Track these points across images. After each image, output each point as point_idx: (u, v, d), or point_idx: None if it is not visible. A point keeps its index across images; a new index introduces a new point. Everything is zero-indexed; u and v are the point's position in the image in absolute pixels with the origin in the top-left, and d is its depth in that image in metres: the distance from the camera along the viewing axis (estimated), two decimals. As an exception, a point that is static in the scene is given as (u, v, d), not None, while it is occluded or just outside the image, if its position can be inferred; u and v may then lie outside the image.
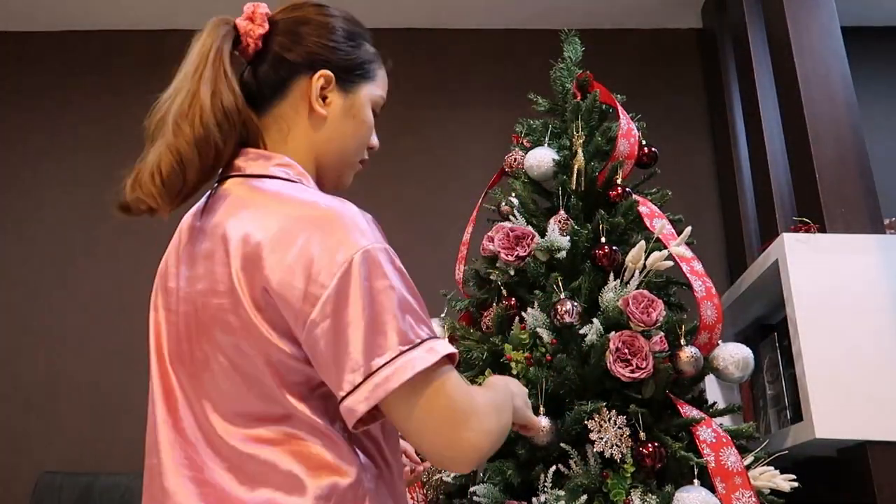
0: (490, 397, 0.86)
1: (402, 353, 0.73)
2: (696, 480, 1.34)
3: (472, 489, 1.41)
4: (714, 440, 1.37)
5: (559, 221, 1.60)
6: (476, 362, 1.55)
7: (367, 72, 0.98)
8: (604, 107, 1.79)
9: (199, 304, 0.82)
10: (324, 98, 0.93)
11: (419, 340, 0.75)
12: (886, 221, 1.86)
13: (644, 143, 1.75)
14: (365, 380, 0.72)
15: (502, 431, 0.84)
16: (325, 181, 0.96)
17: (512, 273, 1.62)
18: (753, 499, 1.30)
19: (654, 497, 1.32)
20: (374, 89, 0.99)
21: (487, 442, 0.78)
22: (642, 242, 1.46)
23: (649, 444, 1.35)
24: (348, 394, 0.73)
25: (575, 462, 1.38)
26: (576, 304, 1.46)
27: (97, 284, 2.76)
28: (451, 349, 0.77)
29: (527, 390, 1.07)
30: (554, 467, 1.38)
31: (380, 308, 0.74)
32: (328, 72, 0.93)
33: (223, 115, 0.85)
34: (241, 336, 0.78)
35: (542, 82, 1.95)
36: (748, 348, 1.51)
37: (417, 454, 1.28)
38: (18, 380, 2.64)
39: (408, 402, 0.74)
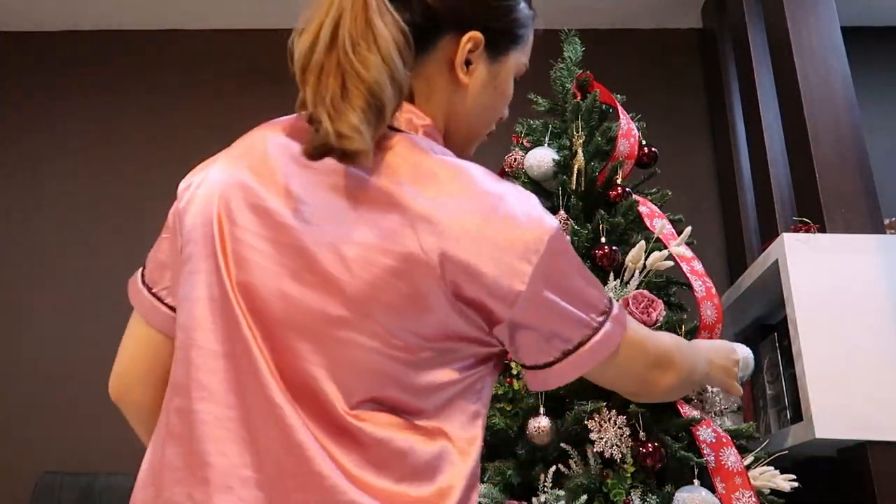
0: (676, 342, 0.90)
1: (601, 324, 0.76)
2: (696, 480, 1.34)
3: (472, 489, 1.41)
4: (714, 440, 1.37)
5: (559, 221, 1.60)
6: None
7: (520, 37, 0.85)
8: (604, 107, 1.79)
9: (347, 255, 0.70)
10: (467, 63, 0.81)
11: (608, 308, 0.77)
12: (886, 221, 1.86)
13: (644, 143, 1.75)
14: (575, 349, 0.75)
15: (690, 377, 0.92)
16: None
17: (512, 273, 1.61)
18: (753, 499, 1.30)
19: (654, 497, 1.32)
20: (521, 56, 0.87)
21: (675, 380, 0.87)
22: (642, 242, 1.46)
23: (649, 444, 1.35)
24: (556, 361, 0.76)
25: (575, 462, 1.38)
26: (576, 304, 1.46)
27: (98, 284, 2.76)
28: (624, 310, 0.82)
29: (735, 358, 1.12)
30: (554, 467, 1.38)
31: (578, 282, 0.75)
32: (479, 34, 0.80)
33: (400, 49, 0.73)
34: (408, 306, 0.69)
35: (543, 82, 1.96)
36: (748, 348, 1.51)
37: None
38: (18, 380, 2.64)
39: (608, 364, 0.78)
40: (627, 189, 1.64)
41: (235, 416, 0.70)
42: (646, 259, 1.46)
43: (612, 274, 1.51)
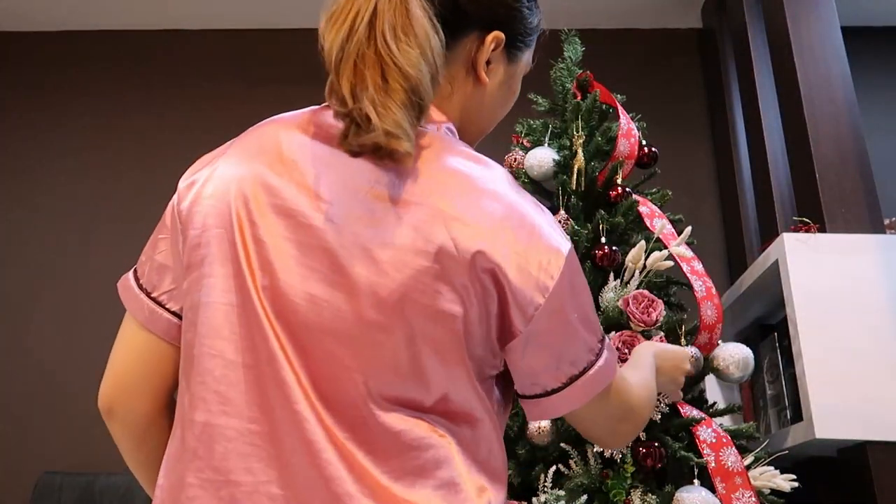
0: (639, 379, 0.88)
1: (601, 350, 0.74)
2: (696, 480, 1.34)
3: (472, 489, 1.41)
4: (714, 440, 1.37)
5: (559, 221, 1.61)
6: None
7: (533, 39, 0.87)
8: (604, 107, 1.79)
9: (379, 257, 0.68)
10: (487, 62, 0.81)
11: (603, 335, 0.76)
12: (886, 221, 1.86)
13: (644, 143, 1.75)
14: (581, 374, 0.73)
15: (650, 411, 0.89)
16: None
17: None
18: (753, 499, 1.30)
19: (654, 497, 1.32)
20: (530, 55, 0.88)
21: (641, 427, 0.85)
22: (642, 242, 1.46)
23: (649, 444, 1.35)
24: (562, 387, 0.73)
25: (575, 462, 1.38)
26: (576, 304, 1.46)
27: (98, 283, 2.75)
28: None
29: (686, 368, 1.05)
30: (554, 467, 1.38)
31: (587, 304, 0.74)
32: (501, 35, 0.80)
33: (437, 47, 0.71)
34: (445, 309, 0.67)
35: (543, 82, 1.96)
36: (748, 348, 1.51)
37: None
38: (18, 380, 2.64)
39: (599, 397, 0.75)
40: (627, 189, 1.64)
41: (259, 430, 0.67)
42: (646, 259, 1.46)
43: (612, 274, 1.51)
